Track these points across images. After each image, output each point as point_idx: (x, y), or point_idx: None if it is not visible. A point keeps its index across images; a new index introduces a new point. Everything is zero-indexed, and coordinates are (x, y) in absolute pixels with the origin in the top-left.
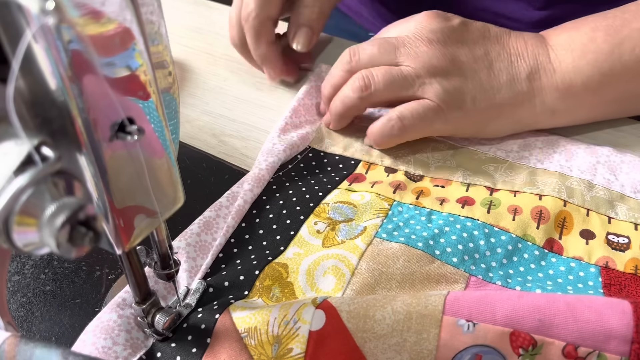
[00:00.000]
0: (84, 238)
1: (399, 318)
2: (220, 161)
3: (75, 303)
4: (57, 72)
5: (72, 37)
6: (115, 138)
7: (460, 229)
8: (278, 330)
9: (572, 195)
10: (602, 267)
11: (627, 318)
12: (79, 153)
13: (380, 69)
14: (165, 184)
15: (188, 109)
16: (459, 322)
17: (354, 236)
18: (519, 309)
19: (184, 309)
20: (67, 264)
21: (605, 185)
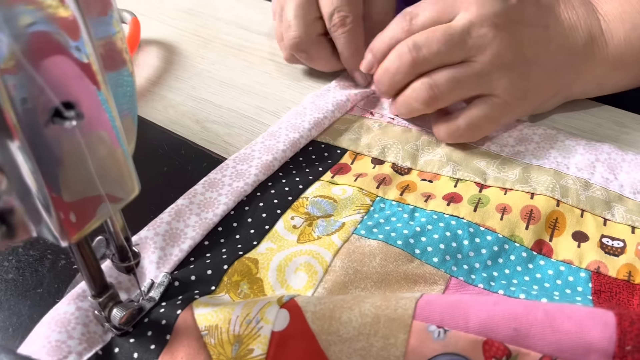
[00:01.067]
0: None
1: (366, 321)
2: (199, 148)
3: (37, 293)
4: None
5: (37, 19)
6: (51, 123)
7: (443, 227)
8: (239, 330)
9: (567, 194)
10: (593, 272)
11: (609, 331)
12: (10, 141)
13: (446, 75)
14: (115, 173)
15: (173, 93)
16: (429, 327)
17: (331, 232)
18: (494, 316)
19: (147, 303)
20: (32, 252)
21: (603, 185)
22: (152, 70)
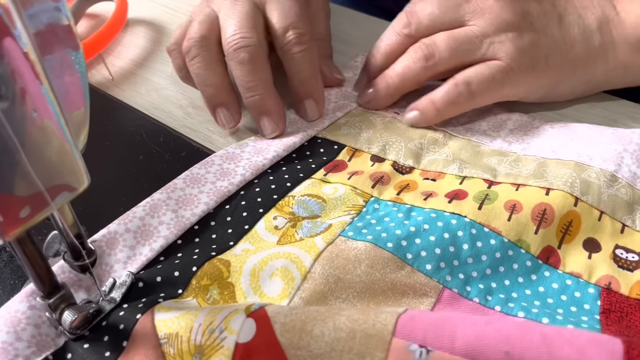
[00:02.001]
0: None
1: (340, 336)
2: (180, 136)
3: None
4: None
5: None
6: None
7: (442, 227)
8: (201, 339)
9: (588, 191)
10: (603, 288)
11: (614, 358)
12: None
13: (443, 35)
14: (57, 161)
15: (157, 76)
16: (410, 347)
17: (315, 234)
18: (483, 338)
19: (107, 304)
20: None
21: (629, 181)
22: (137, 52)
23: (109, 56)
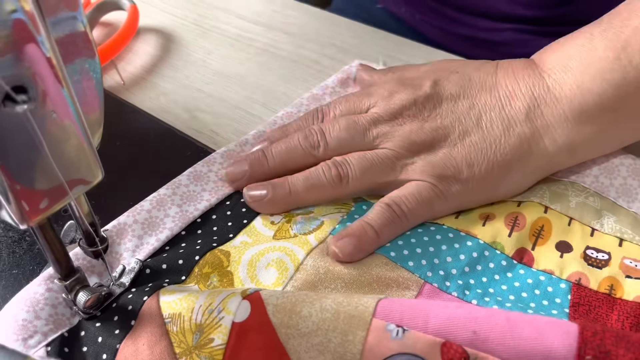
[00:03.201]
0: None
1: (325, 316)
2: (185, 137)
3: (12, 274)
4: None
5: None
6: (2, 106)
7: (421, 232)
8: (201, 319)
9: (557, 200)
10: (574, 283)
11: (570, 339)
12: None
13: (355, 155)
14: (75, 156)
15: (166, 82)
16: (388, 326)
17: (308, 231)
18: (454, 319)
19: (117, 288)
20: (11, 234)
21: (597, 190)
22: (147, 58)
23: (120, 62)
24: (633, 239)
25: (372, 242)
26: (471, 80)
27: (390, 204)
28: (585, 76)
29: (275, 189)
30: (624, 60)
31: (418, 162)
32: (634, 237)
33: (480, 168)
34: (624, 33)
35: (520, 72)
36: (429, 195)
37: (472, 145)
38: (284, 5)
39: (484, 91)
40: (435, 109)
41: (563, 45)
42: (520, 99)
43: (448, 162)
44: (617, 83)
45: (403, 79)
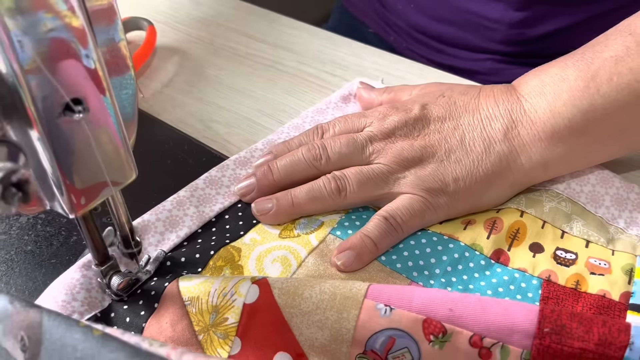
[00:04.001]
0: (14, 197)
1: (324, 297)
2: (201, 145)
3: (51, 263)
4: (6, 58)
5: (56, 26)
6: (63, 116)
7: (408, 237)
8: (217, 301)
9: (532, 205)
10: (545, 280)
11: (531, 315)
12: (30, 129)
13: (353, 170)
14: (116, 158)
15: (182, 95)
16: (377, 305)
17: (310, 231)
18: (433, 299)
19: (143, 275)
20: (48, 228)
21: (569, 195)
22: (165, 74)
23: (140, 77)
24: (598, 241)
25: (370, 253)
26: (456, 104)
27: (387, 217)
28: (557, 102)
29: (280, 202)
30: (592, 89)
31: (409, 177)
32: (599, 239)
33: (464, 182)
34: (594, 64)
35: (500, 97)
36: (421, 207)
37: (457, 161)
38: (288, 26)
39: (467, 113)
40: (423, 129)
41: (539, 73)
42: (499, 121)
43: (436, 176)
44: (586, 109)
45: (396, 102)
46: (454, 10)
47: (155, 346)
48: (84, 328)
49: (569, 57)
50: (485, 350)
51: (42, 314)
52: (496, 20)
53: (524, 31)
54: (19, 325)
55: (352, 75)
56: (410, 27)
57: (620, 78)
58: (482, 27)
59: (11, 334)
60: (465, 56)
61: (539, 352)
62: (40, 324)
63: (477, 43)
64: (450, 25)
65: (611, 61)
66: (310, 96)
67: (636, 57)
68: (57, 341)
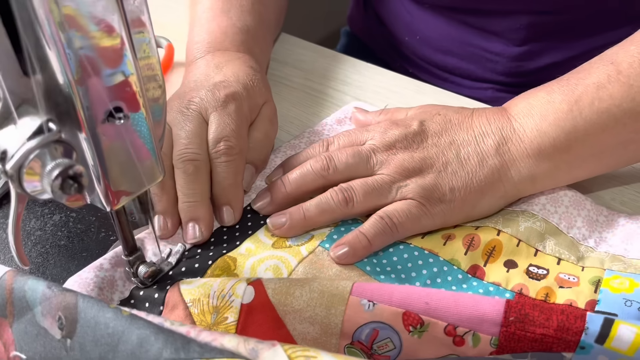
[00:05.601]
0: (71, 188)
1: (313, 295)
2: None
3: (82, 256)
4: (63, 71)
5: (84, 44)
6: (106, 122)
7: (392, 252)
8: (216, 302)
9: (508, 225)
10: (517, 293)
11: (498, 305)
12: (79, 132)
13: (358, 181)
14: (148, 160)
15: None
16: (361, 301)
17: (301, 243)
18: (411, 294)
19: (165, 266)
20: (79, 226)
21: (544, 216)
22: None
23: None
24: (569, 259)
25: (364, 249)
26: (451, 121)
27: (383, 217)
28: (544, 122)
29: (292, 216)
30: (575, 112)
31: (410, 185)
32: (570, 256)
33: (460, 192)
34: (578, 90)
35: (492, 116)
36: (418, 212)
37: (454, 173)
38: (295, 45)
39: (461, 130)
40: (422, 142)
41: (528, 96)
42: (491, 137)
43: (435, 186)
44: (569, 130)
45: (394, 119)
46: (457, 44)
47: (176, 325)
48: (114, 309)
49: (556, 82)
50: (458, 338)
51: (77, 297)
52: (497, 54)
53: (523, 64)
54: (56, 307)
55: (354, 90)
56: (416, 56)
57: (600, 103)
58: (485, 60)
59: (49, 314)
60: (468, 85)
61: (506, 338)
62: (76, 305)
63: (480, 74)
64: (454, 56)
65: (593, 87)
66: (315, 109)
67: (616, 84)
68: (91, 319)
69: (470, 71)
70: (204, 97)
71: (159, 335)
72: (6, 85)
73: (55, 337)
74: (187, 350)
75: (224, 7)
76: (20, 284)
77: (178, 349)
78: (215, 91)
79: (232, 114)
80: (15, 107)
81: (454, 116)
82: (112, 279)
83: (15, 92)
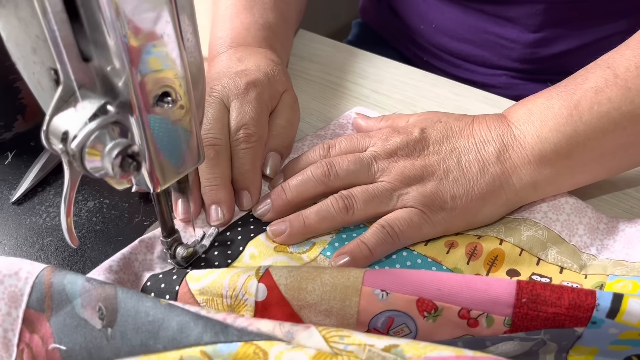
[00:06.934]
0: (130, 166)
1: (326, 289)
2: None
3: (118, 240)
4: (120, 57)
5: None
6: (155, 106)
7: (395, 259)
8: (231, 301)
9: (511, 234)
10: None
11: (510, 287)
12: (130, 115)
13: (358, 189)
14: (192, 144)
15: None
16: (375, 291)
17: (302, 251)
18: (423, 281)
19: (200, 249)
20: (113, 212)
21: (546, 224)
22: None
23: None
24: (572, 267)
25: (365, 258)
26: (452, 129)
27: (385, 226)
28: (544, 128)
29: (292, 224)
30: (575, 116)
31: (411, 193)
32: (572, 265)
33: (461, 200)
34: (576, 95)
35: (492, 123)
36: (419, 220)
37: (455, 181)
38: (312, 40)
39: (462, 138)
40: (423, 150)
41: (527, 103)
42: (492, 145)
43: (436, 194)
44: (570, 135)
45: (395, 127)
46: (473, 31)
47: (212, 313)
48: (152, 299)
49: (553, 88)
50: (472, 320)
51: (116, 288)
52: (513, 40)
53: (538, 50)
54: (96, 298)
55: (371, 83)
56: (431, 44)
57: (600, 107)
58: (500, 46)
59: (89, 305)
60: (482, 71)
61: (519, 318)
62: (115, 296)
63: (494, 60)
64: (470, 44)
65: (591, 92)
66: (335, 102)
67: (614, 88)
68: (131, 309)
69: (485, 58)
70: (226, 85)
71: (198, 321)
72: (66, 70)
73: (96, 327)
74: (226, 334)
75: (246, 4)
76: (59, 278)
77: (217, 333)
78: (237, 79)
79: (253, 102)
80: (75, 91)
81: (455, 123)
82: (122, 281)
83: (74, 76)
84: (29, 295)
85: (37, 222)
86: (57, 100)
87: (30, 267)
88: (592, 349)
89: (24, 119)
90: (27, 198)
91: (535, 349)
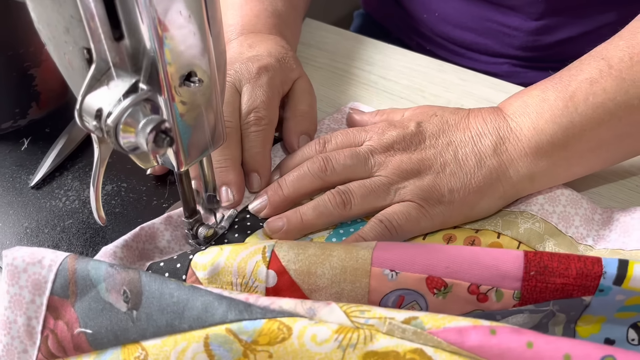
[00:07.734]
0: (164, 141)
1: (336, 272)
2: None
3: (138, 222)
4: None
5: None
6: (183, 85)
7: None
8: (241, 289)
9: (508, 227)
10: None
11: (518, 261)
12: (159, 94)
13: (355, 183)
14: (215, 125)
15: None
16: (384, 272)
17: None
18: (431, 259)
19: (219, 230)
20: (131, 195)
21: (542, 216)
22: None
23: None
24: None
25: None
26: (448, 122)
27: (383, 220)
28: (540, 120)
29: (290, 220)
30: (570, 108)
31: (409, 186)
32: None
33: (459, 193)
34: (571, 86)
35: (488, 116)
36: (417, 214)
37: (452, 174)
38: (318, 28)
39: (458, 131)
40: (420, 144)
41: (522, 95)
42: (488, 137)
43: (433, 187)
44: (566, 126)
45: (391, 121)
46: (476, 19)
47: (235, 294)
48: (176, 281)
49: (548, 80)
50: (482, 295)
51: (139, 272)
52: (515, 28)
53: (540, 38)
54: (121, 282)
55: (379, 70)
56: (434, 33)
57: (595, 98)
58: (502, 34)
59: (114, 289)
60: (484, 60)
61: (528, 291)
62: (139, 280)
63: (497, 48)
64: (472, 32)
65: (586, 83)
66: (343, 88)
67: (608, 78)
68: (155, 291)
69: (487, 46)
70: (238, 70)
71: (222, 301)
72: (101, 49)
73: (121, 310)
74: (250, 312)
75: None
76: (83, 264)
77: (242, 311)
78: (249, 64)
79: (264, 86)
80: (107, 70)
81: (451, 117)
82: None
83: (107, 56)
84: (52, 282)
85: (57, 205)
86: (90, 79)
87: (53, 255)
88: (599, 317)
89: (38, 106)
90: (45, 183)
91: (545, 321)
